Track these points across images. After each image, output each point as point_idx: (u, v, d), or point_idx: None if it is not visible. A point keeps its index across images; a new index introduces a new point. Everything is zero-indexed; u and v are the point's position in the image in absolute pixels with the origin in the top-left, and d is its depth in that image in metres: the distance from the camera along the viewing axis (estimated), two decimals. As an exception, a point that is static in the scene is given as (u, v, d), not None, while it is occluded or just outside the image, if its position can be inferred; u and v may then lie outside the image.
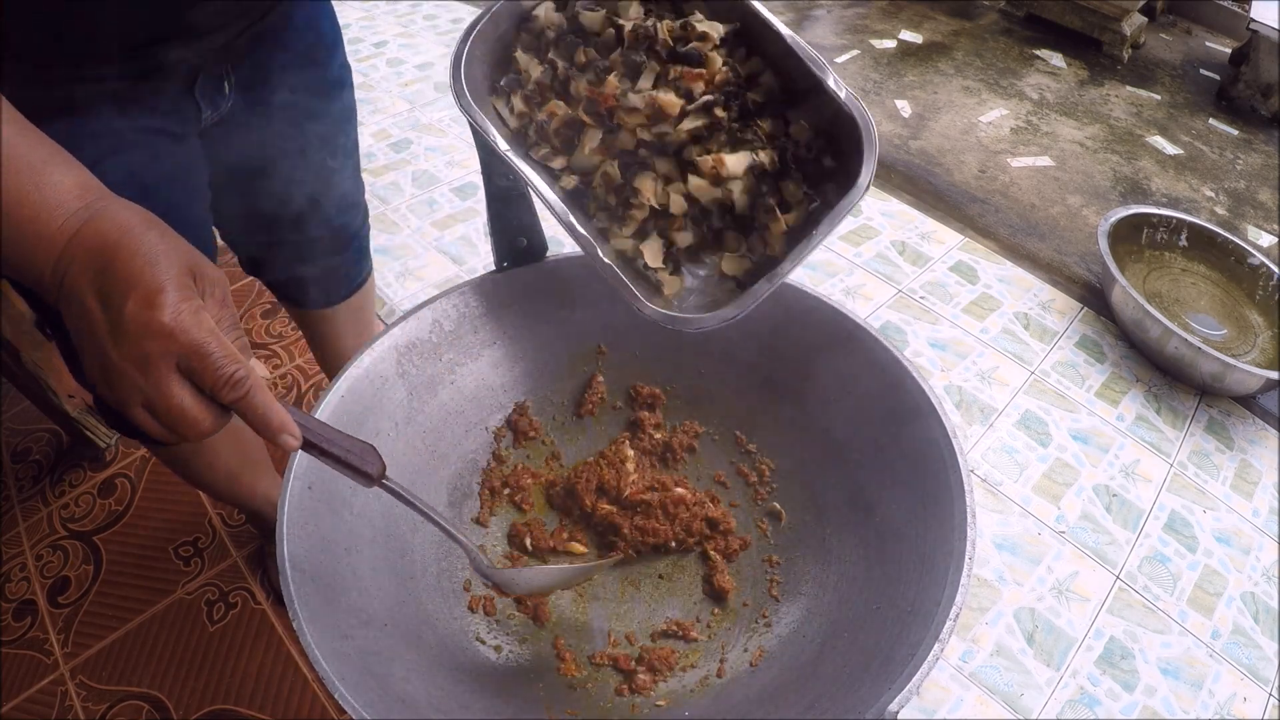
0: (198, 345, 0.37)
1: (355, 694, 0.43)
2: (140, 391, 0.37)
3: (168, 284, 0.37)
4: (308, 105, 0.76)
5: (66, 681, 1.06)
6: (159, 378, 0.36)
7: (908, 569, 0.54)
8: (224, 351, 0.37)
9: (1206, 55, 2.82)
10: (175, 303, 0.37)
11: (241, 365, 0.38)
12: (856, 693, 0.48)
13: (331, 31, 0.77)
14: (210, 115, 0.67)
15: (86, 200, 0.39)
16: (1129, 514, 1.31)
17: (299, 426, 0.41)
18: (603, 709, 0.57)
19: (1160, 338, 1.48)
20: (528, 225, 0.68)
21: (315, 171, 0.81)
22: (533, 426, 0.73)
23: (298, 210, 0.83)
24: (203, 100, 0.65)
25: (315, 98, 0.76)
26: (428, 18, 2.69)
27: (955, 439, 0.56)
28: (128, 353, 0.36)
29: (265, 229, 0.84)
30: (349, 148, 0.86)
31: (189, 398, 0.37)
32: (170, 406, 0.37)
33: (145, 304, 0.36)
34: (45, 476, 1.31)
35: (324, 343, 1.06)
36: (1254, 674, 1.12)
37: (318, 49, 0.75)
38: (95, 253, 0.37)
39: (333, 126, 0.81)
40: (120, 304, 0.36)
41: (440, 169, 1.98)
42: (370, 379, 0.62)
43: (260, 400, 0.39)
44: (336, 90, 0.80)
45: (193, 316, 0.37)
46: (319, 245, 0.89)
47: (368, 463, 0.45)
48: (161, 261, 0.37)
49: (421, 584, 0.60)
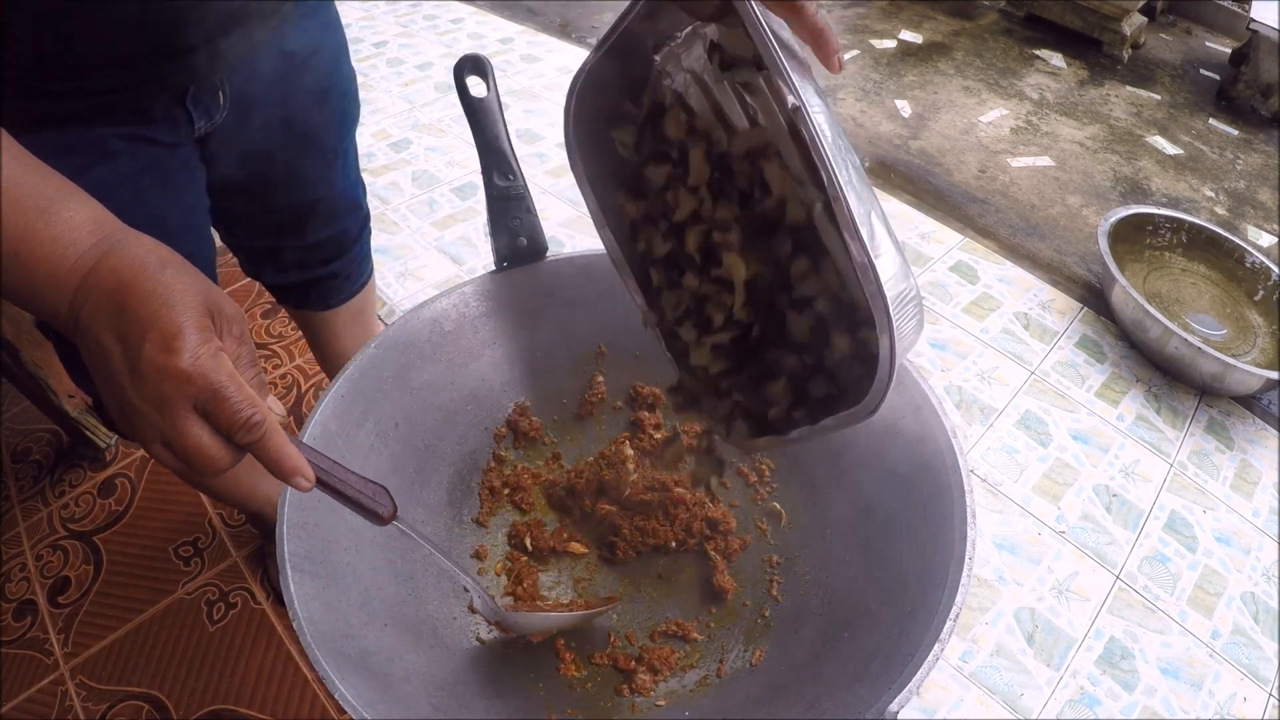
0: (215, 389, 0.37)
1: (355, 694, 0.43)
2: (158, 430, 0.37)
3: (186, 326, 0.37)
4: (306, 113, 0.75)
5: (66, 681, 1.06)
6: (176, 419, 0.37)
7: (908, 569, 0.54)
8: (241, 395, 0.38)
9: (1206, 55, 2.82)
10: (194, 346, 0.37)
11: (258, 410, 0.38)
12: (856, 693, 0.48)
13: (333, 41, 0.76)
14: (203, 125, 0.66)
15: (100, 235, 0.39)
16: (1129, 514, 1.31)
17: (313, 467, 0.42)
18: (603, 709, 0.57)
19: (1160, 338, 1.48)
20: (528, 225, 0.68)
21: (315, 178, 0.81)
22: (533, 426, 0.73)
23: (297, 216, 0.83)
24: (195, 110, 0.64)
25: (314, 105, 0.75)
26: (428, 18, 2.69)
27: (955, 439, 0.56)
28: (146, 394, 0.36)
29: (264, 234, 0.84)
30: (349, 153, 0.85)
31: (206, 437, 0.38)
32: (187, 446, 0.37)
33: (163, 348, 0.36)
34: (45, 476, 1.31)
35: (325, 344, 1.06)
36: (1254, 674, 1.12)
37: (318, 56, 0.74)
38: (111, 292, 0.37)
39: (332, 134, 0.80)
40: (138, 346, 0.36)
41: (440, 169, 1.98)
42: (370, 379, 0.62)
43: (275, 444, 0.39)
44: (339, 99, 0.79)
45: (211, 360, 0.37)
46: (319, 249, 0.89)
47: (380, 504, 0.46)
48: (178, 302, 0.37)
49: (421, 584, 0.60)
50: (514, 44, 2.55)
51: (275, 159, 0.75)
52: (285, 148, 0.75)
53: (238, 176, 0.74)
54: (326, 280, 0.93)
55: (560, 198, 1.90)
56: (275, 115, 0.72)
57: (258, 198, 0.78)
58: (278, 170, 0.76)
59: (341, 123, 0.81)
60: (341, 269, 0.94)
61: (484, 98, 0.64)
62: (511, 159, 0.66)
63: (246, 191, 0.76)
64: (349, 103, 0.81)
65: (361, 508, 0.46)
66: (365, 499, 0.45)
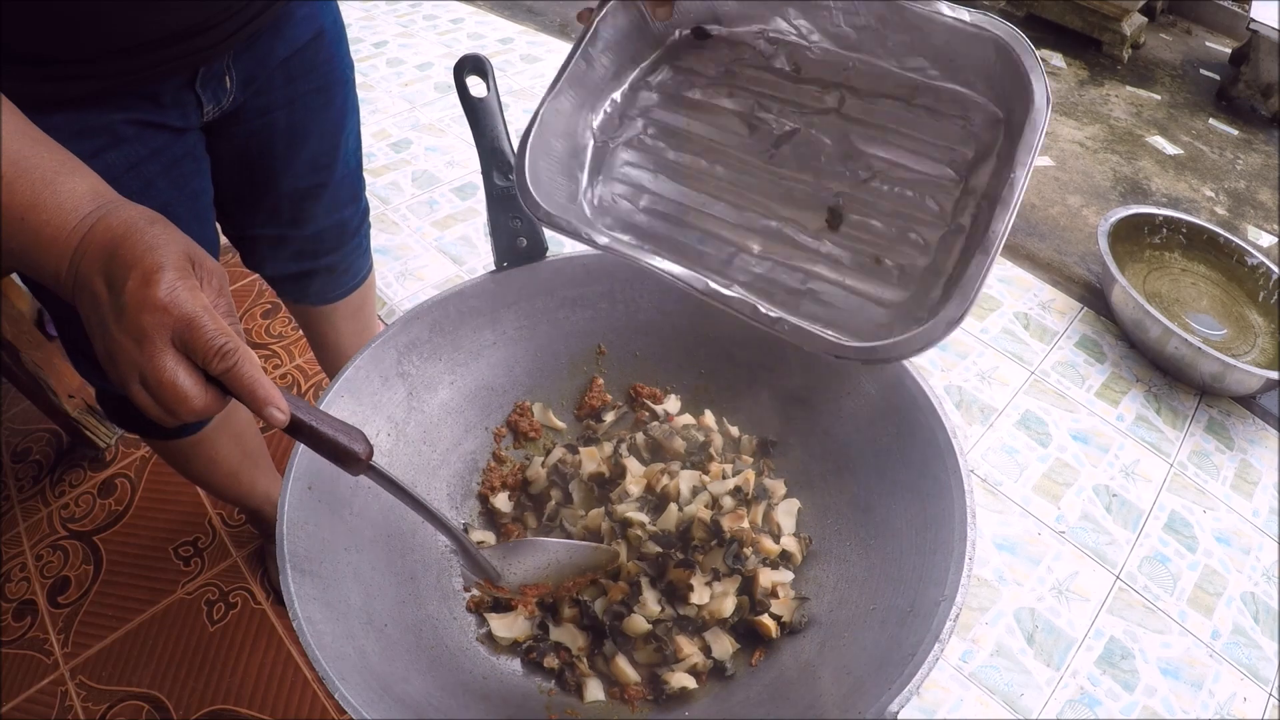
0: (189, 317, 0.39)
1: (355, 694, 0.43)
2: (136, 366, 0.39)
3: (166, 264, 0.39)
4: (309, 100, 0.76)
5: (66, 681, 1.06)
6: (153, 351, 0.38)
7: (908, 569, 0.54)
8: (215, 325, 0.39)
9: (1206, 55, 2.82)
10: (171, 280, 0.39)
11: (231, 339, 0.40)
12: (856, 693, 0.48)
13: (334, 28, 0.78)
14: (211, 109, 0.67)
15: (99, 203, 0.42)
16: (1129, 514, 1.31)
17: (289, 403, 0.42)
18: (603, 709, 0.57)
19: (1160, 338, 1.48)
20: (528, 225, 0.68)
21: (317, 163, 0.82)
22: (533, 426, 0.73)
23: (298, 202, 0.84)
24: (204, 94, 0.66)
25: (317, 92, 0.77)
26: (428, 18, 2.69)
27: (955, 439, 0.56)
28: (126, 326, 0.38)
29: (267, 222, 0.85)
30: (350, 142, 0.86)
31: (182, 373, 0.39)
32: (163, 380, 0.39)
33: (143, 282, 0.38)
34: (45, 476, 1.31)
35: (325, 342, 1.06)
36: (1254, 674, 1.12)
37: (319, 44, 0.75)
38: (103, 245, 0.40)
39: (334, 121, 0.81)
40: (121, 284, 0.39)
41: (440, 169, 1.98)
42: (370, 379, 0.62)
43: (248, 372, 0.40)
44: (339, 86, 0.80)
45: (187, 292, 0.39)
46: (319, 240, 0.89)
47: (355, 441, 0.45)
48: (160, 246, 0.40)
49: (422, 584, 0.60)
50: (514, 44, 2.55)
51: (278, 143, 0.76)
52: (289, 132, 0.76)
53: (242, 161, 0.75)
54: (326, 272, 0.94)
55: (560, 198, 1.90)
56: (279, 99, 0.73)
57: (260, 184, 0.79)
58: (279, 154, 0.77)
59: (343, 109, 0.82)
60: (341, 261, 0.94)
61: (484, 98, 0.65)
62: (511, 159, 0.66)
63: (249, 177, 0.78)
64: (349, 90, 0.83)
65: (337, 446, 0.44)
66: (341, 437, 0.44)
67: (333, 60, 0.78)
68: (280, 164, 0.78)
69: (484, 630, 0.61)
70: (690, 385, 0.75)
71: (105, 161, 0.60)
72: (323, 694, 1.05)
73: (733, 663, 0.58)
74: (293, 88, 0.74)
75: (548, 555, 0.60)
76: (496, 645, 0.60)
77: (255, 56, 0.69)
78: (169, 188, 0.67)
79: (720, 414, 0.73)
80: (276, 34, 0.70)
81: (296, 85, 0.74)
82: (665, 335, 0.74)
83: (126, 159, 0.62)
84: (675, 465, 0.67)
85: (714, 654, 0.58)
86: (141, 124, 0.62)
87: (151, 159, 0.64)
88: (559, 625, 0.61)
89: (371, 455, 0.46)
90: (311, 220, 0.86)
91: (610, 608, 0.59)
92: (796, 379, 0.69)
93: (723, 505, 0.63)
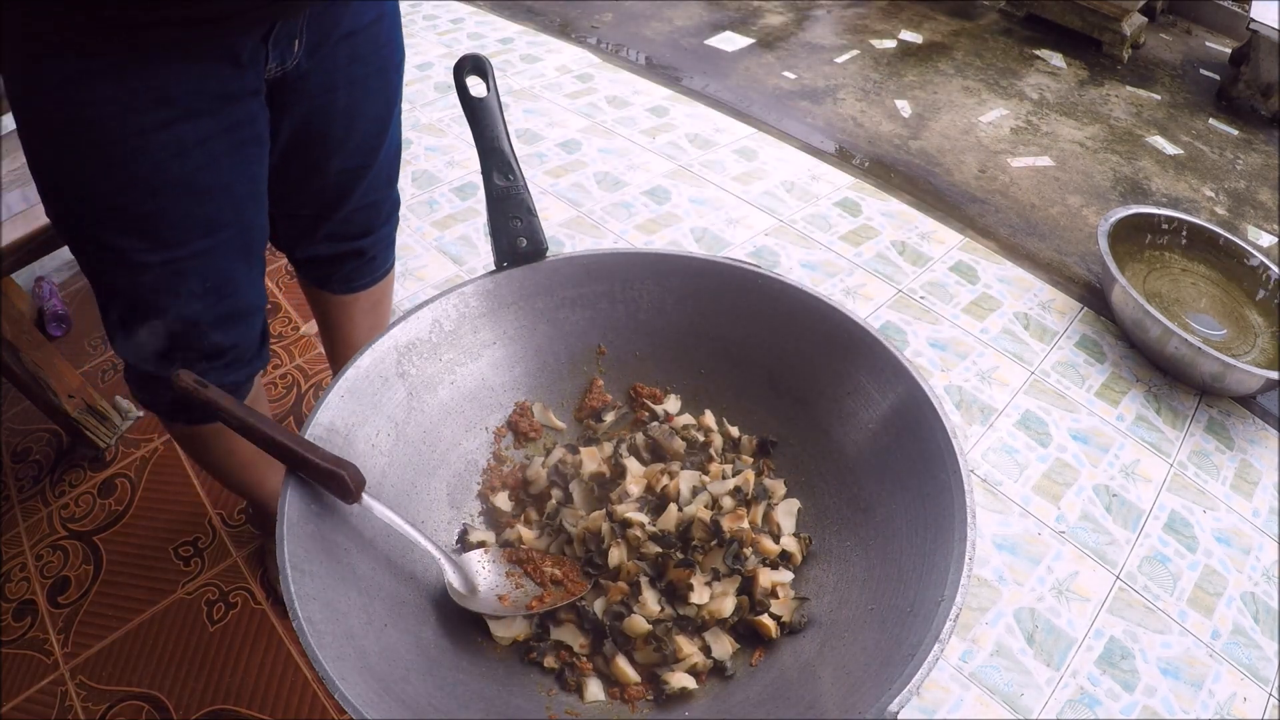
0: None
1: (355, 694, 0.43)
2: None
3: None
4: (369, 82, 0.79)
5: (66, 681, 1.06)
6: None
7: (908, 569, 0.54)
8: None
9: (1206, 55, 2.82)
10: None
11: None
12: (856, 693, 0.48)
13: (393, 12, 0.81)
14: (275, 68, 0.69)
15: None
16: (1129, 514, 1.31)
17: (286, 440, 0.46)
18: (603, 708, 0.57)
19: (1160, 338, 1.48)
20: (528, 225, 0.68)
21: (367, 143, 0.84)
22: (533, 427, 0.73)
23: (344, 182, 0.86)
24: (273, 51, 0.67)
25: (376, 74, 0.79)
26: (428, 18, 2.69)
27: (955, 439, 0.56)
28: None
29: (310, 202, 0.87)
30: (396, 123, 0.88)
31: None
32: None
33: None
34: (45, 476, 1.31)
35: (339, 333, 1.07)
36: (1254, 674, 1.12)
37: (380, 26, 0.78)
38: None
39: (386, 104, 0.84)
40: None
41: (440, 169, 1.98)
42: (370, 379, 0.62)
43: None
44: (394, 71, 0.83)
45: None
46: (352, 223, 0.92)
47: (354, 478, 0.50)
48: None
49: (422, 583, 0.60)
50: (514, 44, 2.55)
51: (337, 123, 0.79)
52: (348, 112, 0.79)
53: (299, 140, 0.77)
54: (354, 257, 0.96)
55: (560, 198, 1.90)
56: (341, 79, 0.76)
57: (312, 163, 0.81)
58: (335, 135, 0.79)
59: (395, 93, 0.85)
60: (369, 248, 0.96)
61: (484, 98, 0.65)
62: (511, 159, 0.66)
63: (304, 156, 0.80)
64: (400, 76, 0.85)
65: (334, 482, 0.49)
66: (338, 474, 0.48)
67: (391, 44, 0.81)
68: (335, 144, 0.80)
69: (483, 630, 0.61)
70: (690, 385, 0.75)
71: (175, 133, 0.62)
72: (323, 694, 1.05)
73: (733, 663, 0.58)
74: (354, 68, 0.76)
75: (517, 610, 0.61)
76: (496, 645, 0.60)
77: (324, 24, 0.71)
78: (232, 168, 0.68)
79: (720, 414, 0.73)
80: (346, 6, 0.72)
81: (357, 66, 0.76)
82: (665, 335, 0.74)
83: (197, 133, 0.63)
84: (675, 465, 0.67)
85: (714, 654, 0.58)
86: (218, 97, 0.63)
87: (221, 136, 0.65)
88: (559, 625, 0.61)
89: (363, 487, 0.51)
90: (352, 201, 0.88)
91: (610, 608, 0.59)
92: (796, 379, 0.69)
93: (723, 505, 0.63)
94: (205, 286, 0.71)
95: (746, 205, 1.92)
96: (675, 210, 1.89)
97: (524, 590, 0.60)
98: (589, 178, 1.98)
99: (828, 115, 2.35)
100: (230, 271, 0.73)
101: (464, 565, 0.60)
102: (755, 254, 1.77)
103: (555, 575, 0.61)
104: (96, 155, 0.61)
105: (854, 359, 0.65)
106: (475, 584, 0.59)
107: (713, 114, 2.27)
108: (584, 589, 0.61)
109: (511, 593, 0.60)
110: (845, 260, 1.77)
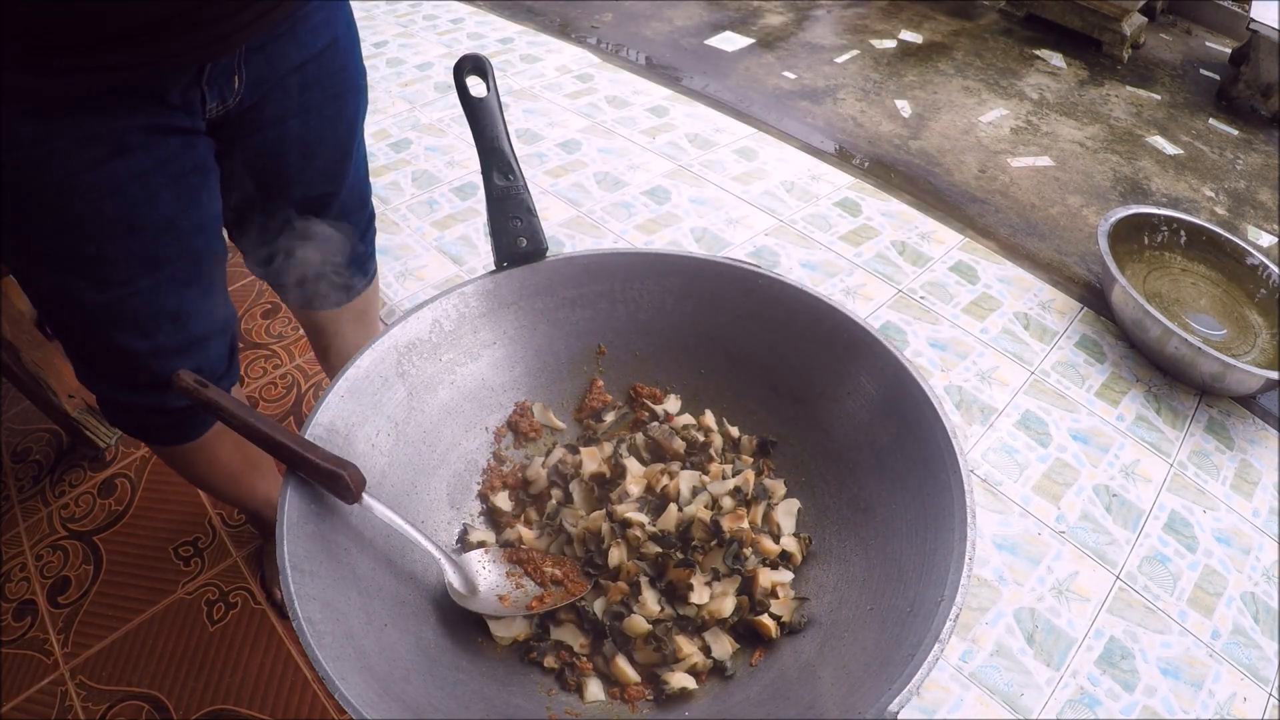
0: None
1: (355, 694, 0.43)
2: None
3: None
4: (324, 109, 0.76)
5: (66, 681, 1.06)
6: None
7: (908, 569, 0.54)
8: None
9: (1206, 55, 2.82)
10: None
11: None
12: (856, 693, 0.48)
13: (348, 35, 0.77)
14: (215, 108, 0.66)
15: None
16: (1129, 514, 1.31)
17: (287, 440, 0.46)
18: (603, 708, 0.57)
19: (1160, 338, 1.48)
20: (528, 225, 0.68)
21: (327, 173, 0.81)
22: (533, 427, 0.73)
23: (308, 207, 0.83)
24: (209, 91, 0.64)
25: (332, 100, 0.76)
26: (428, 18, 2.69)
27: (955, 439, 0.56)
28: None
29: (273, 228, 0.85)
30: (359, 149, 0.86)
31: None
32: None
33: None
34: (45, 476, 1.31)
35: (328, 346, 1.06)
36: (1254, 674, 1.12)
37: (334, 52, 0.75)
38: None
39: (346, 130, 0.81)
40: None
41: (440, 169, 1.98)
42: (370, 379, 0.62)
43: None
44: (352, 95, 0.80)
45: None
46: (325, 246, 0.89)
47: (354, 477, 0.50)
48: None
49: (422, 583, 0.60)
50: (514, 44, 2.55)
51: (291, 152, 0.76)
52: (302, 140, 0.76)
53: (254, 171, 0.74)
54: (331, 278, 0.94)
55: (560, 198, 1.90)
56: (294, 107, 0.73)
57: (272, 194, 0.78)
58: (292, 164, 0.77)
59: (355, 118, 0.82)
60: (346, 266, 0.94)
61: (484, 98, 0.65)
62: (511, 159, 0.66)
63: (262, 187, 0.77)
64: (361, 99, 0.82)
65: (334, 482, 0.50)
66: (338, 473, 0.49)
67: (347, 68, 0.77)
68: (293, 173, 0.78)
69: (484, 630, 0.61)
70: (690, 385, 0.75)
71: (109, 171, 0.59)
72: (323, 694, 1.05)
73: (733, 663, 0.58)
74: (307, 96, 0.73)
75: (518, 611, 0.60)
76: (496, 645, 0.60)
77: (268, 59, 0.68)
78: (173, 200, 0.65)
79: (720, 414, 0.73)
80: (291, 37, 0.69)
81: (311, 94, 0.73)
82: (665, 335, 0.74)
83: (131, 169, 0.60)
84: (675, 465, 0.67)
85: (714, 654, 0.58)
86: (148, 130, 0.61)
87: (157, 170, 0.63)
88: (559, 625, 0.61)
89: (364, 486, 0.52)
90: (317, 226, 0.85)
91: (610, 608, 0.59)
92: (796, 379, 0.69)
93: (722, 505, 0.63)
94: (157, 321, 0.69)
95: (746, 205, 1.92)
96: (675, 210, 1.89)
97: (524, 590, 0.60)
98: (589, 178, 1.98)
99: (828, 115, 2.35)
100: (182, 303, 0.70)
101: (464, 565, 0.60)
102: (755, 254, 1.77)
103: (555, 575, 0.61)
104: (30, 200, 0.59)
105: (854, 359, 0.65)
106: (475, 584, 0.59)
107: (713, 114, 2.27)
108: (584, 589, 0.61)
109: (512, 593, 0.60)
110: (845, 260, 1.77)
